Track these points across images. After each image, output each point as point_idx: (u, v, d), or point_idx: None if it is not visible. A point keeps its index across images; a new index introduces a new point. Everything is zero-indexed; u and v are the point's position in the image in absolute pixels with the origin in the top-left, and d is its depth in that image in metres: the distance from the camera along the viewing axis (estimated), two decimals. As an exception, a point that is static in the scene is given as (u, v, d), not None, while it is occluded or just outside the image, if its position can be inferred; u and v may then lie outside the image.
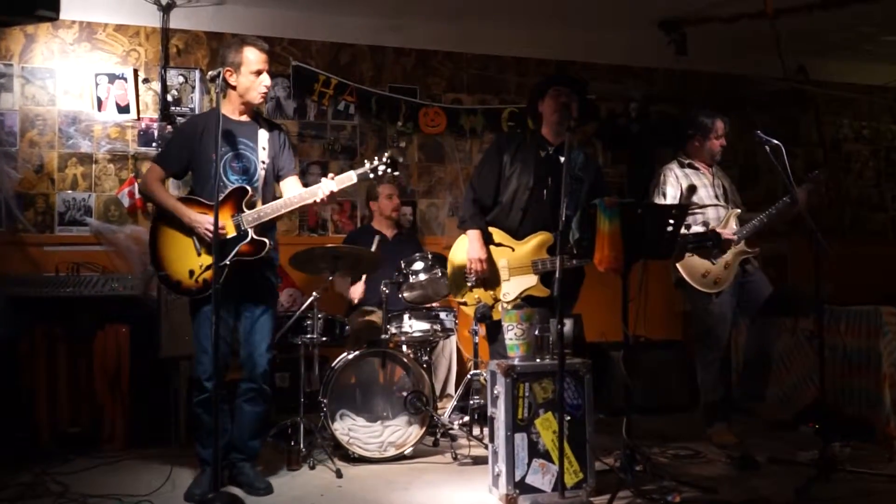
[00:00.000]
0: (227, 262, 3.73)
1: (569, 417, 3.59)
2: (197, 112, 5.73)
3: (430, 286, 4.79)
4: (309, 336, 4.51)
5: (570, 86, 4.37)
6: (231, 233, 3.78)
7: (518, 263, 4.30)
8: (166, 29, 5.75)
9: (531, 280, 4.27)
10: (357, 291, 5.41)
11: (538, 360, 3.73)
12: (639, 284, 3.88)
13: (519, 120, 6.47)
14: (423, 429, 4.53)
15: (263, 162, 3.93)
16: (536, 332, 3.76)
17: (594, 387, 3.75)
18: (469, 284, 4.31)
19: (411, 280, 4.76)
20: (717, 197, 4.82)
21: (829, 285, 4.38)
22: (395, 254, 5.16)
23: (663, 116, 6.90)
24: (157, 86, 5.75)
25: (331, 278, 4.65)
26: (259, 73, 3.87)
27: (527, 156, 4.35)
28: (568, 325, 3.70)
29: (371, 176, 3.89)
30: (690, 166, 4.87)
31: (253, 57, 3.86)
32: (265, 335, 3.97)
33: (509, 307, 4.09)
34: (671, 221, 3.83)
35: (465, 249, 4.32)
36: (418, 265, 4.77)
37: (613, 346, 5.61)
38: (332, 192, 3.83)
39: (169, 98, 5.73)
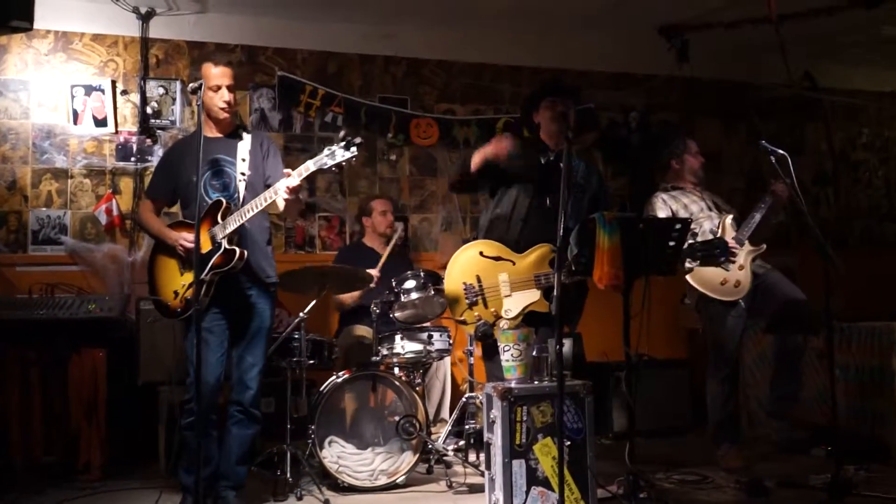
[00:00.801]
0: (204, 278, 3.69)
1: (569, 442, 3.46)
2: (178, 125, 5.72)
3: (422, 305, 4.66)
4: (296, 359, 4.44)
5: (562, 94, 4.27)
6: (208, 247, 3.76)
7: (519, 278, 4.14)
8: (145, 38, 5.68)
9: (534, 295, 4.11)
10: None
11: (536, 383, 3.62)
12: (641, 301, 3.74)
13: (514, 130, 6.31)
14: (417, 455, 4.42)
15: (243, 174, 3.94)
16: (534, 353, 3.65)
17: (595, 409, 3.63)
18: (467, 302, 4.12)
19: (403, 299, 4.62)
20: (709, 208, 4.86)
21: (840, 299, 4.27)
22: (386, 272, 5.07)
23: (665, 126, 6.78)
24: (135, 97, 5.66)
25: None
26: (217, 88, 3.91)
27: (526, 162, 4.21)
28: (567, 344, 3.53)
29: (329, 164, 3.69)
30: (674, 188, 4.95)
31: (209, 72, 3.93)
32: (258, 359, 3.96)
33: (509, 325, 3.95)
34: (673, 236, 3.73)
35: (461, 265, 4.17)
36: (410, 283, 4.63)
37: (615, 367, 5.51)
38: (293, 188, 3.72)
39: (148, 110, 5.64)
